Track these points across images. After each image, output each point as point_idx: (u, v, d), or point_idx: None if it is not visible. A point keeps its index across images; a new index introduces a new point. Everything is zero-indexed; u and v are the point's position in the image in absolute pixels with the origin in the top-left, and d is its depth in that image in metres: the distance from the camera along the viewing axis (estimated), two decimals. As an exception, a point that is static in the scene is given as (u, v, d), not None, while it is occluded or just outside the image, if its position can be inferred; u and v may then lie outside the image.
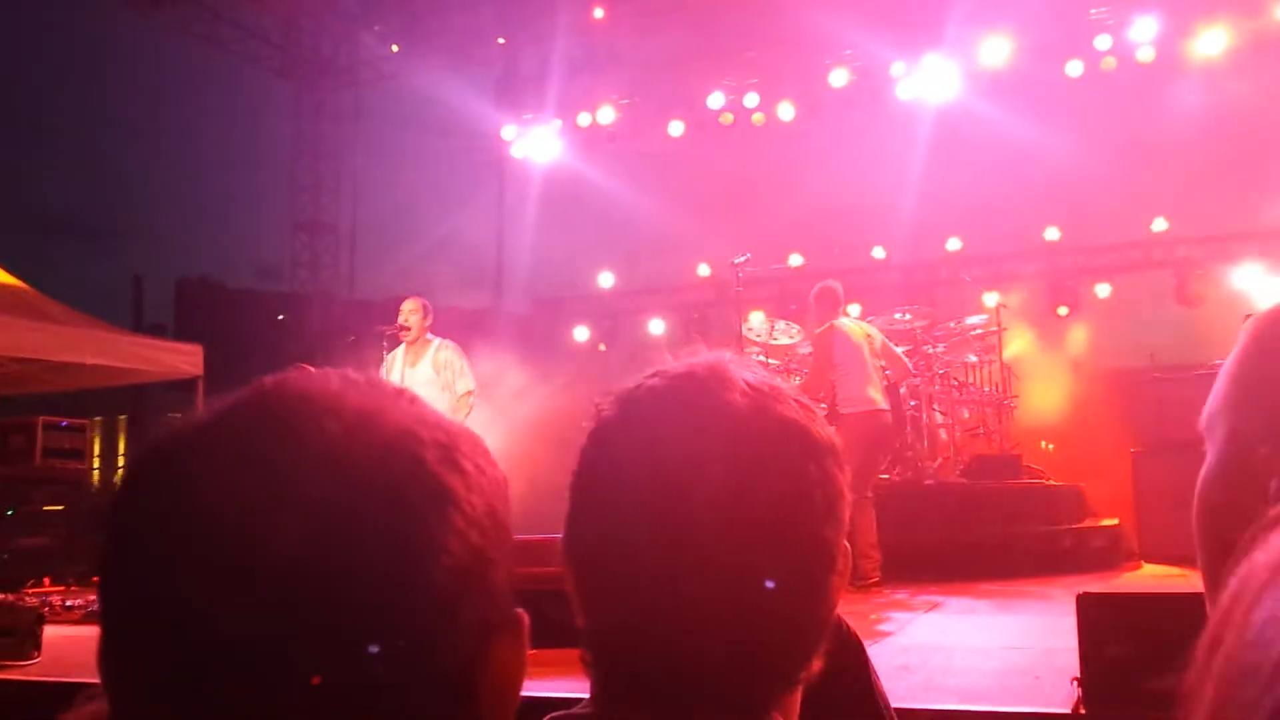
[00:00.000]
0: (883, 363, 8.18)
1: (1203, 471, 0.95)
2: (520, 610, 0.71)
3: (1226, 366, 0.95)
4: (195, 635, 0.59)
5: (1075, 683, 3.97)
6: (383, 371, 7.89)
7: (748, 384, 0.95)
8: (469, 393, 7.80)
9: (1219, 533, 0.92)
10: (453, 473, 0.67)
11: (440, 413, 0.72)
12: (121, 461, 17.98)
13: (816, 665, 0.94)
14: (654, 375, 0.98)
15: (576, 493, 0.96)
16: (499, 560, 0.69)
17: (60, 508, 9.94)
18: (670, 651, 0.88)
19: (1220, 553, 0.90)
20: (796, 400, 0.97)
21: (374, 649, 0.61)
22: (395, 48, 16.67)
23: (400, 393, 0.71)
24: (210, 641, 0.59)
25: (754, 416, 0.93)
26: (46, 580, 9.63)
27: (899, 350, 8.80)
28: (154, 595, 0.61)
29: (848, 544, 0.97)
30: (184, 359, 10.46)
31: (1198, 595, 0.98)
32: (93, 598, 7.94)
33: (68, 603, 7.84)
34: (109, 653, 0.64)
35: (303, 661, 0.60)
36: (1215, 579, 0.89)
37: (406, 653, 0.62)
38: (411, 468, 0.65)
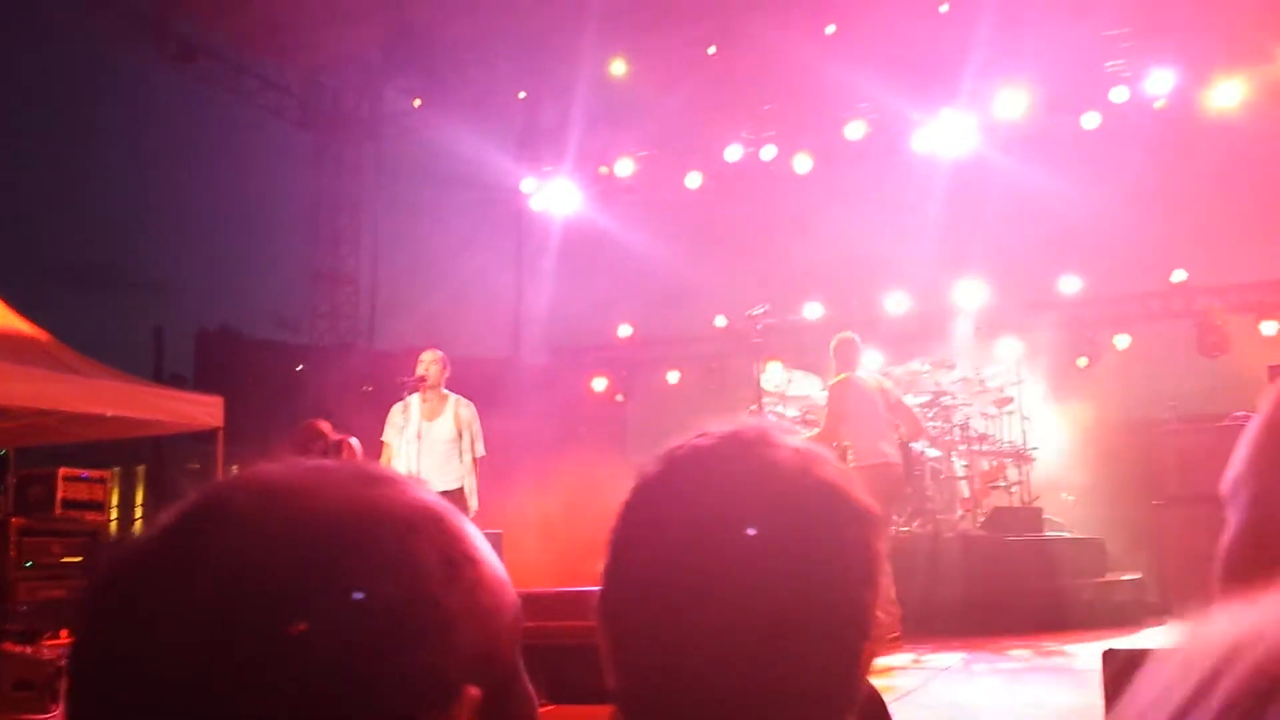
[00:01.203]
0: (896, 419, 8.15)
1: (1224, 539, 0.93)
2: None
3: (1251, 429, 0.93)
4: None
5: (1099, 743, 3.89)
6: (397, 418, 7.89)
7: (793, 449, 0.96)
8: (480, 457, 7.82)
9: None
10: (450, 566, 0.67)
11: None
12: (139, 512, 18.04)
13: None
14: (700, 435, 0.99)
15: (616, 548, 0.96)
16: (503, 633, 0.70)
17: (79, 559, 9.94)
18: (704, 713, 0.88)
19: None
20: (837, 466, 0.98)
21: None
22: (417, 101, 16.88)
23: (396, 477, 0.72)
24: None
25: (798, 479, 0.93)
26: (64, 633, 9.61)
27: (915, 406, 8.77)
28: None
29: (881, 616, 0.97)
30: (204, 410, 10.49)
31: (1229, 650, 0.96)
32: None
33: (84, 655, 7.83)
34: None
35: None
36: None
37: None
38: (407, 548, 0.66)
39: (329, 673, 0.59)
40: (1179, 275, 13.09)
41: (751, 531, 0.89)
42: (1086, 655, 6.55)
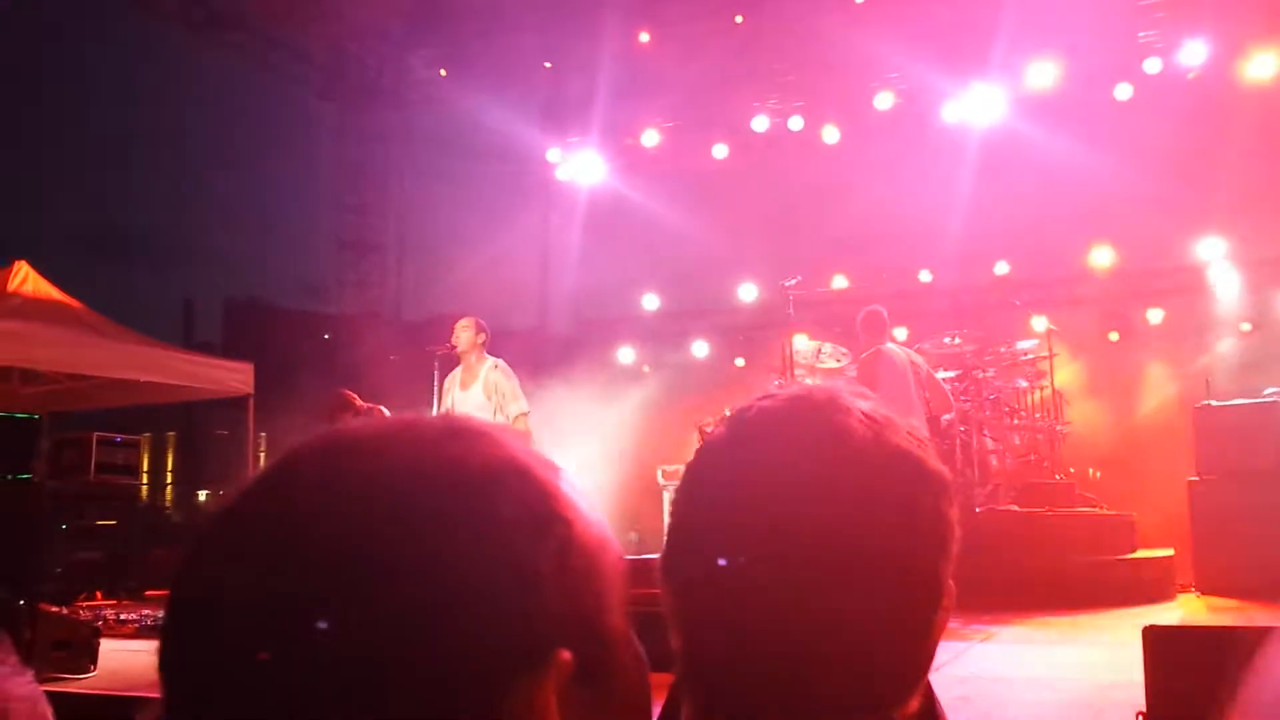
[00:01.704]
0: (926, 393, 8.11)
1: None
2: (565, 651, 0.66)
3: None
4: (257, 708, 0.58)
5: (1141, 717, 3.89)
6: (437, 392, 7.92)
7: (864, 413, 0.93)
8: (522, 414, 7.72)
9: None
10: (559, 507, 0.66)
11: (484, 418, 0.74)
12: (170, 478, 18.16)
13: (914, 705, 0.92)
14: (766, 397, 0.97)
15: (680, 511, 0.94)
16: (608, 598, 0.68)
17: (113, 522, 10.05)
18: (770, 679, 0.86)
19: None
20: (911, 432, 0.95)
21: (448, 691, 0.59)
22: (442, 72, 16.83)
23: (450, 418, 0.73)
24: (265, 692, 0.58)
25: (871, 444, 0.91)
26: (99, 594, 9.73)
27: (946, 381, 8.72)
28: (220, 669, 0.59)
29: (952, 583, 0.95)
30: (235, 376, 10.55)
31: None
32: (145, 612, 8.02)
33: (121, 616, 7.93)
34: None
35: (377, 696, 0.58)
36: None
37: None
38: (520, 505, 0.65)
39: (392, 635, 0.58)
40: (1213, 248, 12.96)
41: (808, 500, 0.87)
42: (1119, 629, 6.54)
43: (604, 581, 0.68)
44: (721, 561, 0.88)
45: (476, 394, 7.75)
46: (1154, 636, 4.00)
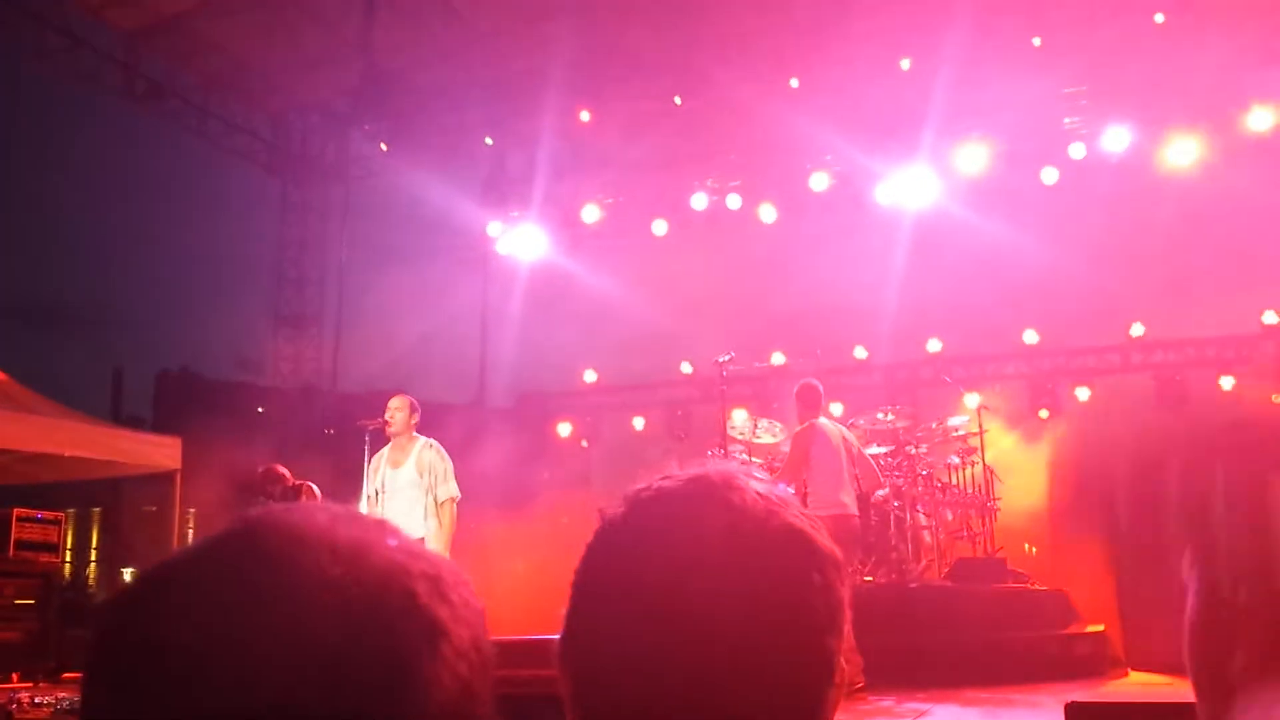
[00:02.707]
0: (857, 469, 8.17)
1: (1187, 615, 0.95)
2: None
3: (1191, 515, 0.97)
4: None
5: (1065, 795, 3.90)
6: (367, 469, 7.81)
7: (758, 493, 0.95)
8: (451, 499, 7.60)
9: (1210, 674, 0.92)
10: (441, 605, 0.66)
11: (420, 543, 0.71)
12: (94, 555, 17.65)
13: None
14: (665, 477, 0.98)
15: (579, 591, 0.95)
16: (482, 691, 0.68)
17: (31, 601, 9.73)
18: None
19: (1213, 690, 0.91)
20: (802, 511, 0.97)
21: None
22: (384, 146, 16.91)
23: (382, 525, 0.71)
24: None
25: (764, 523, 0.92)
26: (14, 676, 9.38)
27: (879, 456, 8.80)
28: None
29: (844, 664, 0.96)
30: (162, 452, 10.36)
31: (1188, 705, 0.97)
32: (62, 695, 7.74)
33: (36, 699, 7.64)
34: None
35: None
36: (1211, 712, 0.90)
37: None
38: (404, 602, 0.65)
39: None
40: (1138, 329, 13.31)
41: (703, 577, 0.88)
42: (1050, 707, 6.55)
43: (491, 680, 0.70)
44: (615, 645, 0.89)
45: (409, 471, 7.65)
46: (1076, 713, 4.02)
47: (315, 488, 8.18)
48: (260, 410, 16.98)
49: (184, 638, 0.61)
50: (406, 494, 7.51)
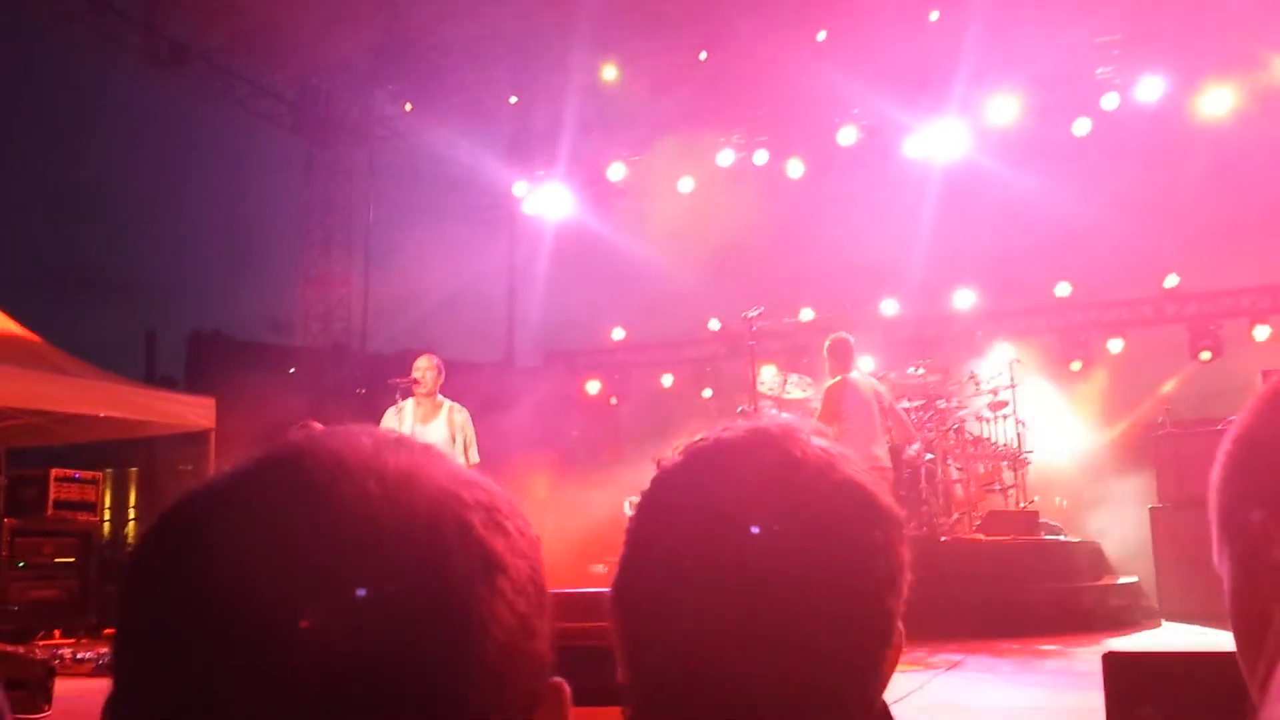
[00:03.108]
0: (889, 423, 8.14)
1: (1228, 574, 0.87)
2: (560, 680, 0.66)
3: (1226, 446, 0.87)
4: (222, 713, 0.54)
5: (1103, 742, 3.88)
6: (391, 421, 7.84)
7: (820, 448, 0.93)
8: (476, 465, 7.68)
9: (1251, 630, 0.87)
10: (498, 536, 0.62)
11: (472, 471, 0.66)
12: (132, 514, 17.90)
13: None
14: (724, 429, 0.96)
15: (633, 541, 0.93)
16: (541, 628, 0.64)
17: (71, 560, 9.87)
18: (719, 712, 0.85)
19: (1255, 646, 0.86)
20: (860, 465, 0.94)
21: None
22: (408, 106, 16.86)
23: (430, 450, 0.66)
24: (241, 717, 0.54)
25: (824, 478, 0.90)
26: (57, 633, 9.55)
27: (909, 410, 8.77)
28: (172, 669, 0.56)
29: (901, 624, 0.94)
30: (196, 411, 10.44)
31: (1228, 655, 0.94)
32: (104, 650, 7.88)
33: (79, 655, 7.77)
34: (118, 713, 0.59)
35: None
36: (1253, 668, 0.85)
37: None
38: (458, 532, 0.60)
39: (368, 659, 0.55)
40: (1171, 280, 13.16)
41: (761, 529, 0.86)
42: (1084, 658, 6.56)
43: (550, 616, 0.66)
44: (669, 594, 0.88)
45: (440, 430, 7.69)
46: (1114, 663, 3.99)
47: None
48: (292, 370, 17.07)
49: (217, 576, 0.57)
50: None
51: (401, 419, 7.79)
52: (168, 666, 0.56)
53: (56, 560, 9.73)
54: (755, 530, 0.86)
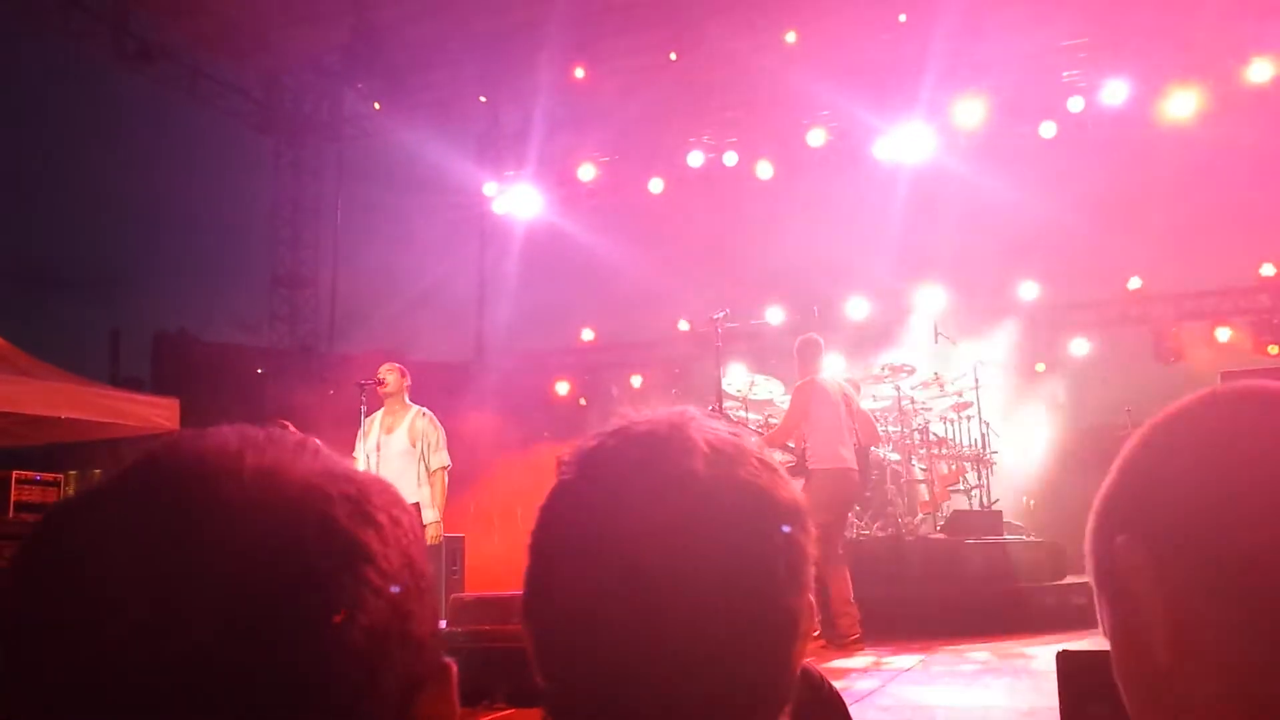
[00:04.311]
0: (855, 424, 8.19)
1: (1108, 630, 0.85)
2: (448, 660, 0.68)
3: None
4: (90, 714, 0.55)
5: (1058, 741, 3.92)
6: (360, 434, 7.85)
7: (709, 444, 0.91)
8: (443, 468, 7.67)
9: None
10: (365, 526, 0.63)
11: (348, 463, 0.68)
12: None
13: None
14: (614, 434, 0.95)
15: (536, 551, 0.92)
16: (419, 611, 0.66)
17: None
18: (627, 715, 0.86)
19: None
20: (759, 460, 0.93)
21: (294, 717, 0.57)
22: (377, 105, 16.78)
23: (303, 445, 0.67)
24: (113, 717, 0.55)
25: (714, 482, 0.89)
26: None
27: (875, 410, 8.81)
28: (44, 676, 0.57)
29: (812, 600, 0.95)
30: (160, 413, 10.36)
31: None
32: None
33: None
34: None
35: None
36: None
37: (328, 717, 0.59)
38: (319, 526, 0.61)
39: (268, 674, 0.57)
40: (1135, 282, 13.30)
41: (654, 538, 0.85)
42: (1045, 657, 6.60)
43: (431, 599, 0.68)
44: (571, 605, 0.88)
45: (401, 439, 7.70)
46: (1068, 661, 4.03)
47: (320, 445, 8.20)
48: (259, 371, 16.97)
49: (80, 579, 0.58)
50: (399, 460, 7.56)
51: (369, 429, 7.80)
52: (24, 674, 0.57)
53: (17, 563, 9.63)
54: (648, 541, 0.85)
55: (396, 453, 7.58)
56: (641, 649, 0.85)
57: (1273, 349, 12.43)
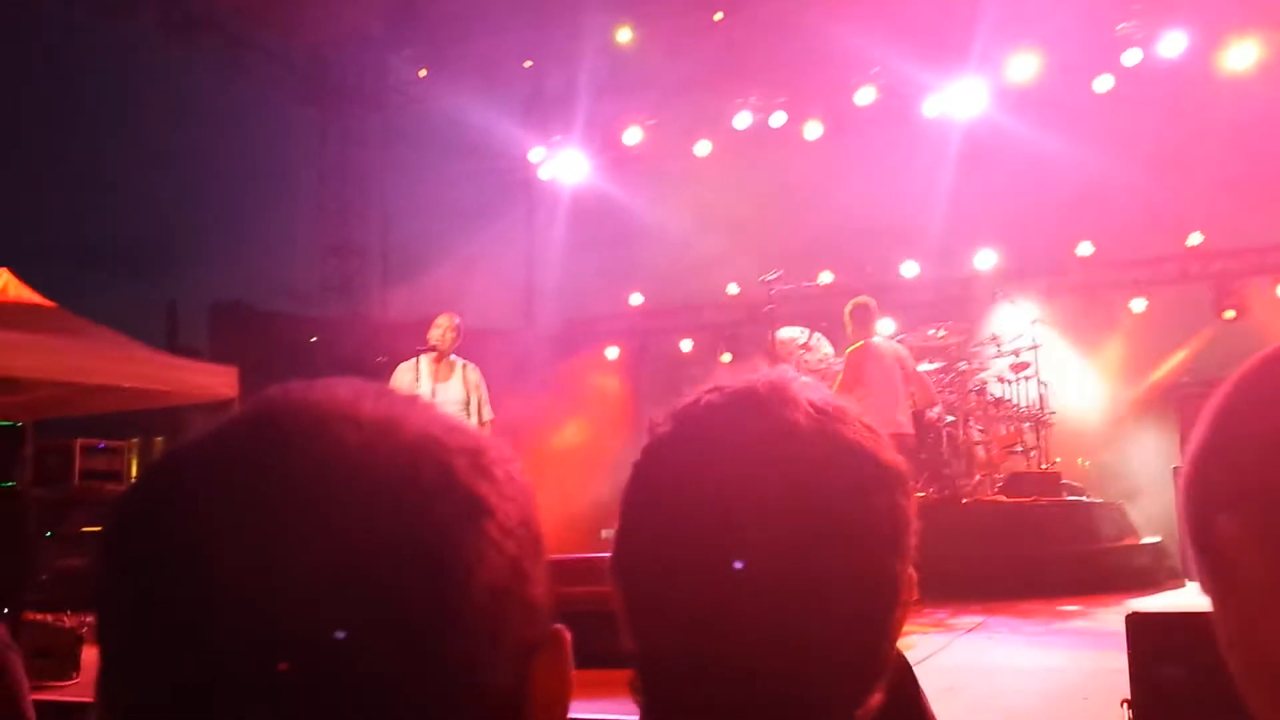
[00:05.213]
0: (912, 387, 8.13)
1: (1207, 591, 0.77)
2: (560, 626, 0.66)
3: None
4: (205, 672, 0.54)
5: (1126, 704, 3.88)
6: (404, 378, 7.90)
7: (812, 404, 0.90)
8: (490, 421, 7.82)
9: None
10: (483, 480, 0.61)
11: (461, 418, 0.66)
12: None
13: (876, 700, 0.90)
14: (713, 390, 0.94)
15: (628, 510, 0.92)
16: (536, 572, 0.63)
17: (98, 529, 9.99)
18: (722, 680, 0.84)
19: None
20: (863, 423, 0.92)
21: (412, 679, 0.55)
22: (422, 72, 16.78)
23: (414, 399, 0.65)
24: (224, 677, 0.54)
25: (818, 438, 0.88)
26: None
27: (930, 372, 8.75)
28: (157, 630, 0.55)
29: (913, 572, 0.93)
30: (219, 381, 10.50)
31: None
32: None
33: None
34: (109, 685, 0.58)
35: (331, 694, 0.54)
36: None
37: (447, 680, 0.57)
38: (440, 477, 0.59)
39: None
40: (1195, 238, 13.03)
41: (755, 498, 0.84)
42: (1107, 618, 6.56)
43: (545, 562, 0.66)
44: (666, 564, 0.86)
45: (456, 388, 7.79)
46: (1137, 623, 3.98)
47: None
48: (313, 339, 17.15)
49: (191, 534, 0.56)
50: (453, 409, 7.62)
51: (419, 376, 7.86)
52: (153, 633, 0.56)
53: (84, 530, 9.85)
54: (748, 498, 0.84)
55: (451, 402, 7.67)
56: (735, 606, 0.83)
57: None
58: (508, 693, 0.60)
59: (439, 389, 7.77)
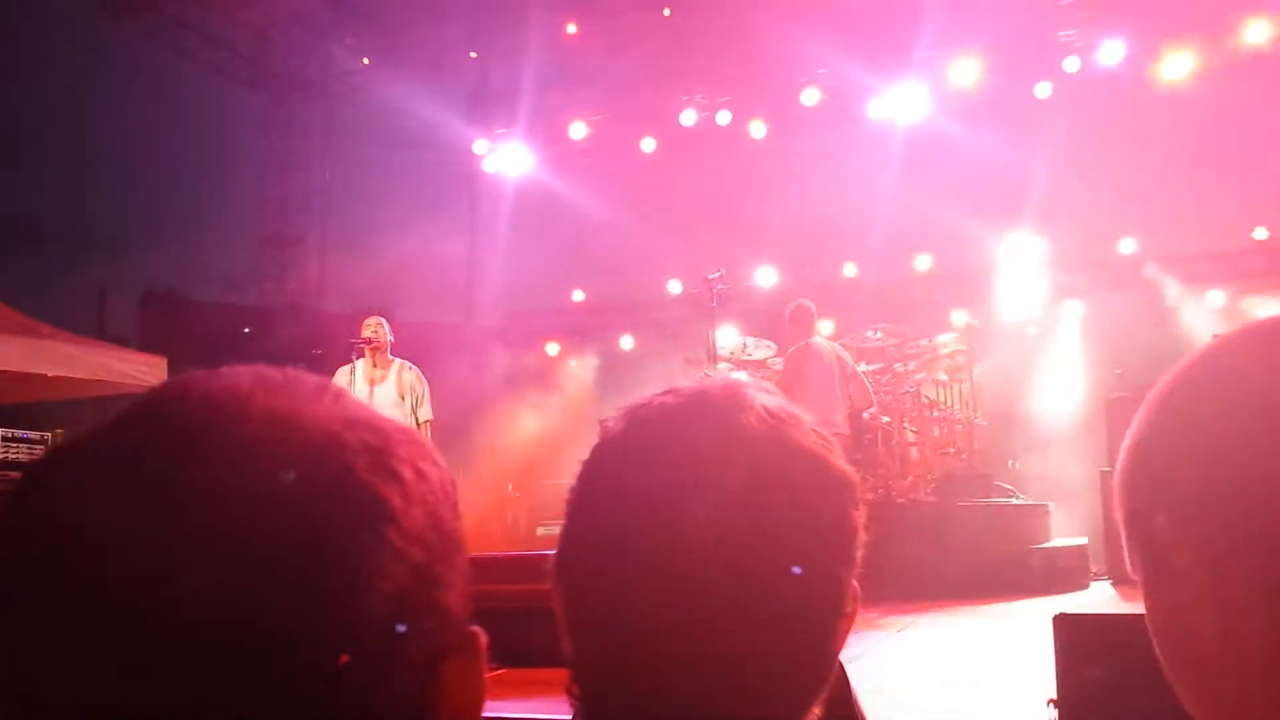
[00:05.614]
0: (850, 388, 8.20)
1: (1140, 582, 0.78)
2: (475, 628, 0.63)
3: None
4: (80, 692, 0.50)
5: (1052, 704, 3.93)
6: (342, 381, 7.81)
7: (765, 408, 0.88)
8: (428, 422, 7.74)
9: None
10: (388, 481, 0.57)
11: (372, 410, 0.62)
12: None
13: (817, 712, 0.88)
14: (667, 392, 0.92)
15: (574, 508, 0.89)
16: (448, 576, 0.60)
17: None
18: (660, 687, 0.82)
19: None
20: (815, 430, 0.91)
21: (302, 698, 0.52)
22: (366, 60, 16.60)
23: (323, 389, 0.61)
24: (101, 692, 0.50)
25: (770, 443, 0.86)
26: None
27: (867, 373, 8.83)
28: (28, 642, 0.52)
29: (858, 586, 0.91)
30: (147, 370, 10.30)
31: None
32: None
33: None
34: None
35: (220, 713, 0.50)
36: None
37: (345, 691, 0.53)
38: (338, 478, 0.56)
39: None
40: (1128, 245, 13.27)
41: (705, 502, 0.82)
42: (1034, 618, 6.63)
43: (462, 563, 0.63)
44: (610, 566, 0.84)
45: (389, 391, 7.72)
46: (1064, 624, 4.03)
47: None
48: (247, 330, 16.91)
49: (72, 528, 0.52)
50: (388, 412, 7.47)
51: (353, 380, 7.77)
52: (18, 652, 0.52)
53: (4, 521, 9.61)
54: (697, 503, 0.82)
55: (385, 404, 7.56)
56: (677, 611, 0.81)
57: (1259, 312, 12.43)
58: (412, 698, 0.57)
59: (376, 391, 7.70)
